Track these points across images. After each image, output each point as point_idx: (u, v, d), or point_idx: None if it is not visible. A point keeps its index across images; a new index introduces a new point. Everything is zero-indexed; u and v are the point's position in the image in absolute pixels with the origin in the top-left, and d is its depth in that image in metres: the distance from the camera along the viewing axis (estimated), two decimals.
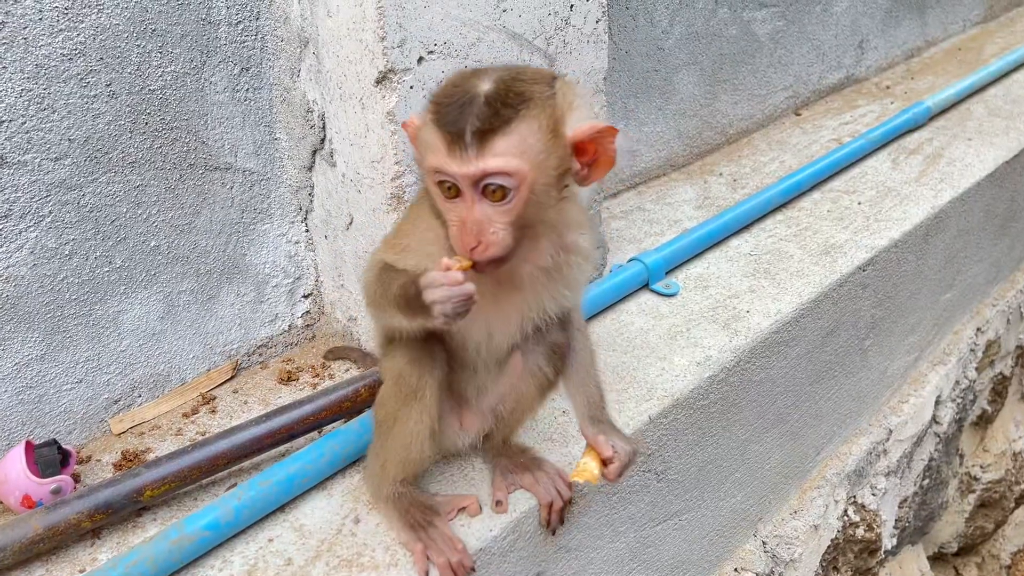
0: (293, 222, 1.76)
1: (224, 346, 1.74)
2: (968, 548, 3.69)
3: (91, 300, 1.51)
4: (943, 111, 3.01)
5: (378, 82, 1.44)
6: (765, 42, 2.76)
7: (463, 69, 1.21)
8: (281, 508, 1.42)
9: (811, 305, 2.00)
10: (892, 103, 3.12)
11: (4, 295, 1.40)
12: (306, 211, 1.76)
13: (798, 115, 3.04)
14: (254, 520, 1.38)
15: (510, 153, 1.05)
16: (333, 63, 1.51)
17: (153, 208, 1.54)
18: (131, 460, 1.53)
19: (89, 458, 1.55)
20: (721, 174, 2.62)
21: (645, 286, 2.01)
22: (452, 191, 1.09)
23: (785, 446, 2.13)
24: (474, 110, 1.05)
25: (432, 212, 1.17)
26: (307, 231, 1.78)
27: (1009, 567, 3.92)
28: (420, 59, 1.45)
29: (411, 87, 1.45)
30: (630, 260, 2.03)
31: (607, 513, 1.63)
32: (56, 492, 1.39)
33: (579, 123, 1.11)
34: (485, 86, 1.07)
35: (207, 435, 1.51)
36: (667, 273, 2.06)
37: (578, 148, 1.12)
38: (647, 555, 1.79)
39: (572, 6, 1.67)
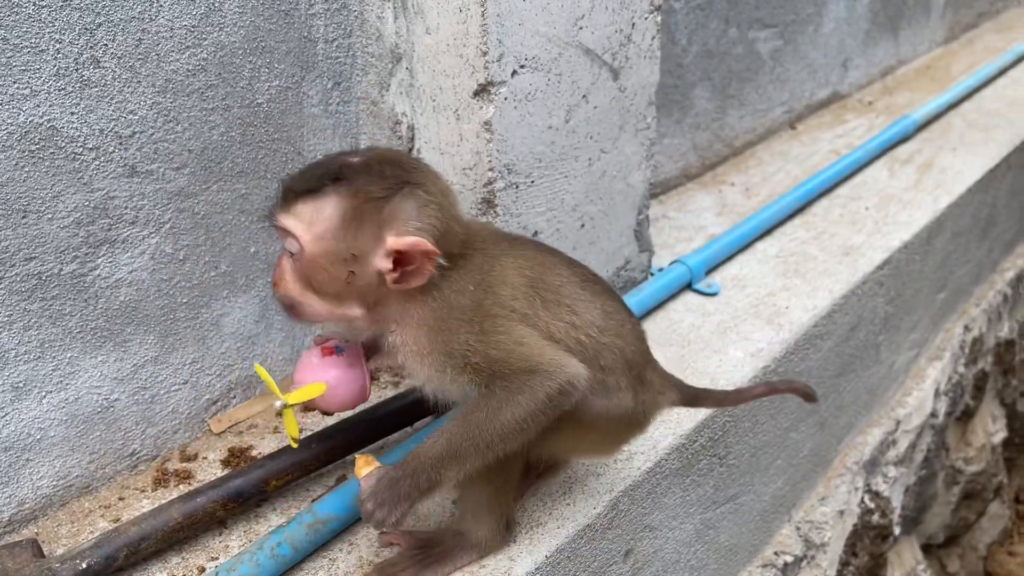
0: None
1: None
2: (951, 539, 3.88)
3: (199, 304, 1.58)
4: (927, 124, 3.22)
5: (476, 94, 1.54)
6: (766, 60, 2.93)
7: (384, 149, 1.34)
8: None
9: (841, 301, 2.15)
10: (877, 117, 3.33)
11: (128, 299, 1.47)
12: None
13: (793, 128, 3.22)
14: None
15: (298, 219, 1.13)
16: (427, 77, 1.61)
17: (254, 216, 1.62)
18: (238, 457, 1.60)
19: (196, 455, 1.62)
20: (733, 184, 2.78)
21: (688, 286, 2.14)
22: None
23: (815, 435, 2.27)
24: (310, 173, 1.17)
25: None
26: None
27: (985, 558, 4.11)
28: (514, 72, 1.56)
29: (505, 98, 1.56)
30: (672, 263, 2.16)
31: (681, 494, 1.74)
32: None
33: (406, 234, 1.13)
34: (351, 159, 1.17)
35: (315, 431, 1.58)
36: (706, 274, 2.19)
37: (398, 255, 1.14)
38: (708, 537, 1.91)
39: (634, 24, 1.80)
